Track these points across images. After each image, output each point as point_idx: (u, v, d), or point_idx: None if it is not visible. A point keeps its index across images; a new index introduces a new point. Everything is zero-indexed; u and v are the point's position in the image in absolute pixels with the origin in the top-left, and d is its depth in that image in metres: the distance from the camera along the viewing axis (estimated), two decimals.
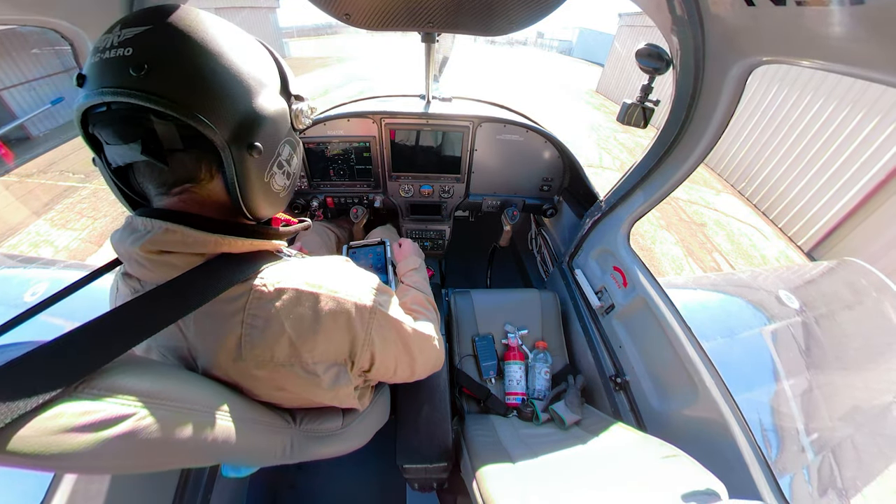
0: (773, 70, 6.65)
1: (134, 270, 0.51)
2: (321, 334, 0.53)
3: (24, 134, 8.29)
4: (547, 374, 1.35)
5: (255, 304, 0.50)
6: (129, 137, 0.44)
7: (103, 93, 0.41)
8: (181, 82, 0.43)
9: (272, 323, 0.50)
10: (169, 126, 0.44)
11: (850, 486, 1.30)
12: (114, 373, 0.39)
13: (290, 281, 0.52)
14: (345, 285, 0.57)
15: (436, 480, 1.13)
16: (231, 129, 0.46)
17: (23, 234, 4.77)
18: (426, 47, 1.30)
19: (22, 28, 3.28)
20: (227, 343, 0.50)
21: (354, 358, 0.59)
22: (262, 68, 0.51)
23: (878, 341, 1.86)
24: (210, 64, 0.44)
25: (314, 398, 0.61)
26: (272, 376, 0.54)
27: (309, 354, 0.53)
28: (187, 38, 0.44)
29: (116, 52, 0.41)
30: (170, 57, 0.43)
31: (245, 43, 0.50)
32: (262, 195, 0.53)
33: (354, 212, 1.83)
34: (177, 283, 0.46)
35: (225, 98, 0.45)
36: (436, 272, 2.06)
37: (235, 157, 0.47)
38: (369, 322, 0.59)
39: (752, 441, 0.84)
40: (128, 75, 0.41)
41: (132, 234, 0.47)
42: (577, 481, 0.78)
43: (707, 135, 0.90)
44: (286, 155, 0.56)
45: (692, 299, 1.96)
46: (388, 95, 1.95)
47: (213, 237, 0.48)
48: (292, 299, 0.51)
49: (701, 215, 6.05)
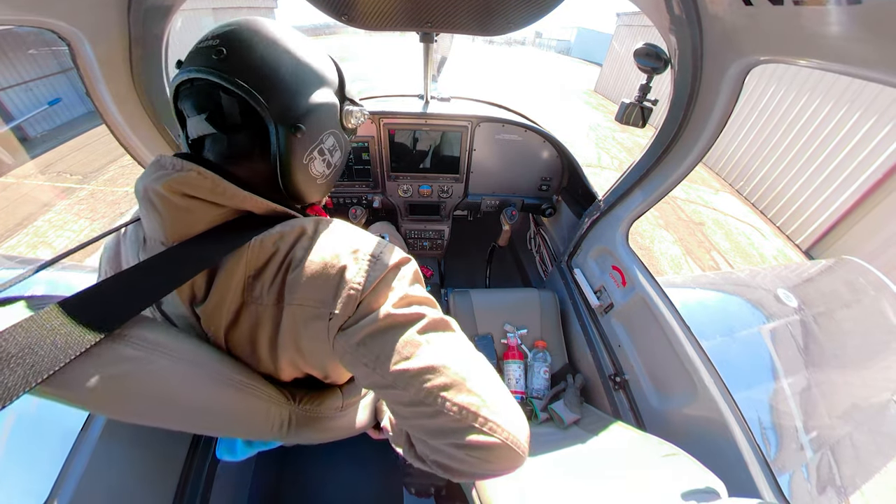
0: (771, 69, 6.67)
1: (144, 213, 0.51)
2: (307, 274, 0.48)
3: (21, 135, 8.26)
4: (546, 373, 1.35)
5: (258, 245, 0.49)
6: (201, 109, 0.52)
7: (190, 71, 0.51)
8: (248, 66, 0.51)
9: (271, 263, 0.50)
10: (232, 101, 0.52)
11: (849, 484, 1.30)
12: (138, 324, 0.44)
13: (295, 224, 0.53)
14: (351, 234, 0.54)
15: (433, 485, 1.13)
16: (280, 109, 0.53)
17: (21, 235, 4.76)
18: (424, 47, 1.30)
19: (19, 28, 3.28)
20: (232, 289, 0.49)
21: (339, 300, 0.48)
22: (321, 68, 0.59)
23: (875, 339, 1.87)
24: (275, 55, 0.53)
25: (298, 362, 0.55)
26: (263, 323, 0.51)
27: (292, 296, 0.48)
28: (259, 34, 0.53)
29: (207, 43, 0.51)
30: (243, 45, 0.51)
31: (308, 46, 0.59)
32: (299, 175, 0.58)
33: (353, 212, 1.83)
34: (203, 236, 0.49)
35: (281, 83, 0.53)
36: (435, 272, 2.06)
37: (280, 134, 0.53)
38: (362, 262, 0.50)
39: (751, 439, 0.85)
40: (209, 58, 0.50)
41: (158, 170, 0.48)
42: (576, 480, 0.79)
43: (705, 134, 0.90)
44: (329, 145, 0.62)
45: (691, 298, 1.96)
46: (386, 95, 1.95)
47: (241, 191, 0.50)
48: (292, 239, 0.51)
49: (699, 214, 6.07)
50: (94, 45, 0.83)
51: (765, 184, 6.49)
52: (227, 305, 0.50)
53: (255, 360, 0.56)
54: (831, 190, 5.29)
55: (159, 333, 0.46)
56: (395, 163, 1.76)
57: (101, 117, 0.99)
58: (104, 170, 6.49)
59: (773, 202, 6.23)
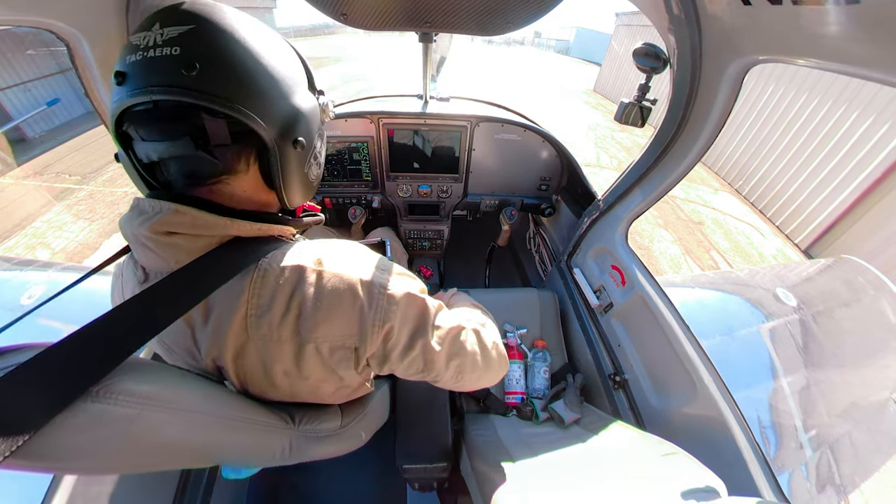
0: (770, 69, 6.67)
1: (140, 255, 0.51)
2: (323, 312, 0.50)
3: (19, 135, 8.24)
4: (546, 373, 1.35)
5: (258, 282, 0.49)
6: (178, 134, 0.45)
7: (152, 91, 0.42)
8: (232, 80, 0.44)
9: (276, 301, 0.49)
10: (219, 122, 0.45)
11: (848, 483, 1.30)
12: (125, 376, 0.39)
13: (295, 259, 0.51)
14: (352, 264, 0.54)
15: (436, 480, 1.14)
16: (279, 125, 0.49)
17: (19, 236, 4.75)
18: (423, 47, 1.30)
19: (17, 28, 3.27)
20: (234, 326, 0.49)
21: (366, 337, 0.53)
22: (294, 66, 0.54)
23: (874, 338, 1.88)
24: (254, 62, 0.46)
25: (322, 382, 0.58)
26: (278, 357, 0.52)
27: (311, 334, 0.51)
28: (230, 37, 0.45)
29: (162, 51, 0.42)
30: (218, 56, 0.44)
31: (277, 41, 0.52)
32: (300, 185, 0.58)
33: (353, 212, 1.83)
34: (186, 271, 0.46)
35: (269, 96, 0.48)
36: (434, 272, 2.06)
37: (282, 152, 0.51)
38: (378, 299, 0.53)
39: (750, 438, 0.85)
40: (179, 74, 0.42)
41: (140, 215, 0.47)
42: (576, 479, 0.79)
43: (704, 133, 0.91)
44: (319, 147, 0.61)
45: (690, 298, 1.97)
46: (385, 95, 1.95)
47: (222, 220, 0.48)
48: (296, 277, 0.50)
49: (698, 214, 6.07)
50: (92, 46, 0.82)
51: (764, 183, 6.50)
52: (229, 341, 0.50)
53: (268, 387, 0.57)
54: (830, 189, 5.30)
55: (152, 383, 0.42)
56: (394, 163, 1.76)
57: (100, 118, 0.99)
58: (103, 170, 6.48)
59: (773, 201, 6.24)
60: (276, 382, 0.56)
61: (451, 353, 0.62)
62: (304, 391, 0.61)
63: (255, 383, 0.56)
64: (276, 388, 0.57)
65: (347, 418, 0.79)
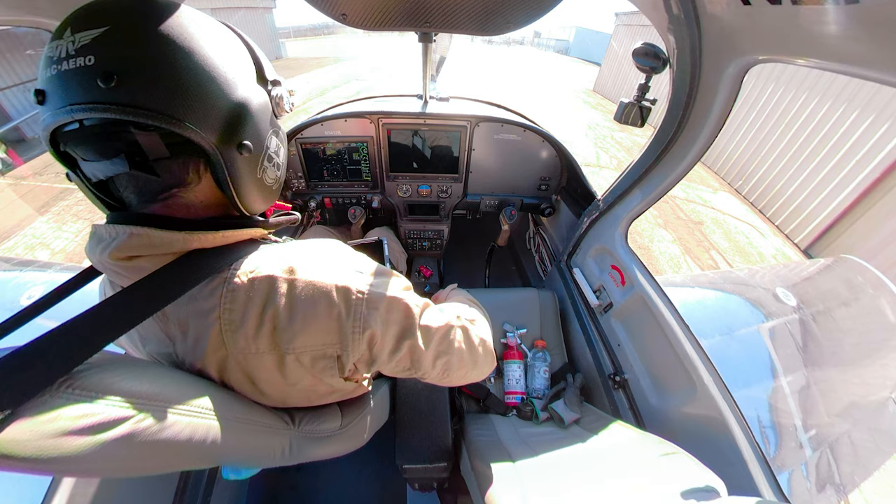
0: (769, 68, 6.67)
1: (113, 279, 0.50)
2: (299, 322, 0.49)
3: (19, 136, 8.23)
4: (546, 372, 1.35)
5: (228, 296, 0.47)
6: (111, 153, 0.42)
7: (73, 110, 0.38)
8: (157, 88, 0.40)
9: (249, 315, 0.47)
10: (152, 136, 0.42)
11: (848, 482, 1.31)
12: (107, 373, 0.38)
13: (264, 268, 0.49)
14: (325, 269, 0.52)
15: (436, 480, 1.14)
16: (217, 130, 0.45)
17: (19, 236, 4.74)
18: (423, 47, 1.30)
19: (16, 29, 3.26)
20: (211, 340, 0.49)
21: (347, 345, 0.53)
22: (235, 57, 0.48)
23: (874, 338, 1.88)
24: (183, 62, 0.41)
25: (312, 388, 0.58)
26: (260, 369, 0.52)
27: (289, 345, 0.49)
28: (153, 34, 0.40)
29: (76, 63, 0.37)
30: (139, 62, 0.39)
31: (213, 31, 0.46)
32: (256, 191, 0.54)
33: (352, 212, 1.83)
34: (149, 279, 0.43)
35: (205, 98, 0.43)
36: (434, 272, 2.06)
37: (226, 159, 0.46)
38: (356, 305, 0.52)
39: (750, 438, 0.85)
40: (96, 88, 0.37)
41: (99, 243, 0.45)
42: (576, 479, 0.79)
43: (704, 133, 0.91)
44: (274, 147, 0.55)
45: (690, 297, 1.97)
46: (385, 95, 1.95)
47: (180, 235, 0.45)
48: (266, 288, 0.48)
49: (698, 213, 6.07)
50: None
51: (763, 183, 6.50)
52: (209, 355, 0.50)
53: (258, 396, 0.57)
54: (830, 188, 5.30)
55: (153, 383, 0.42)
56: (393, 163, 1.76)
57: None
58: None
59: (772, 201, 6.24)
60: (265, 391, 0.56)
61: (438, 351, 0.62)
62: (296, 397, 0.61)
63: (246, 392, 0.56)
64: (266, 396, 0.57)
65: (347, 418, 0.79)
